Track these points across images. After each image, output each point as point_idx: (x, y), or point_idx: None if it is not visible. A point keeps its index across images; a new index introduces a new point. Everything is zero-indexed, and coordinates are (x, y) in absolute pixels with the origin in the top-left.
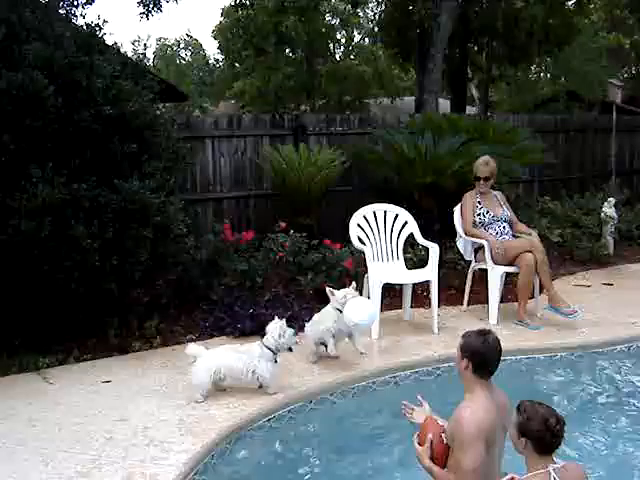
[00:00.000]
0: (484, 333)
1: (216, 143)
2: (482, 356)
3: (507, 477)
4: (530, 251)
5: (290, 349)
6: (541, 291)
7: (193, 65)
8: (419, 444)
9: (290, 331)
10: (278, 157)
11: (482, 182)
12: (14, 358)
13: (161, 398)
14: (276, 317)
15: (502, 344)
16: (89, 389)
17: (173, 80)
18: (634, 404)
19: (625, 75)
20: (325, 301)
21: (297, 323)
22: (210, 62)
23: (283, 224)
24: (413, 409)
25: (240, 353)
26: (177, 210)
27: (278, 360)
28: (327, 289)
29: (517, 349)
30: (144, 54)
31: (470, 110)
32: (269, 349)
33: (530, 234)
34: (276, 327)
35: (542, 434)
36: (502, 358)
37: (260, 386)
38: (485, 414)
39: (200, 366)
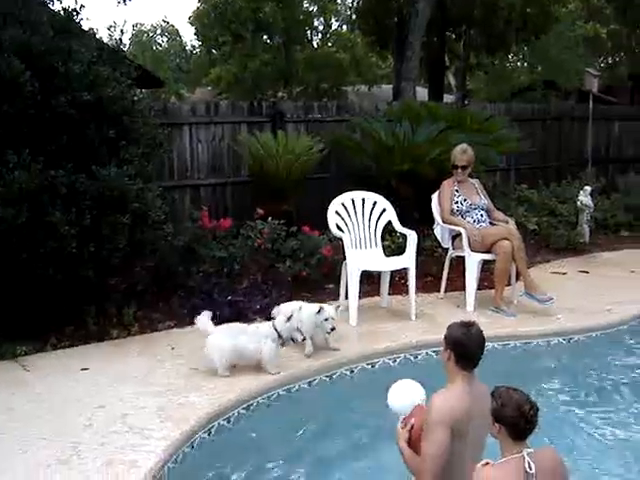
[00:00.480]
0: (467, 325)
1: (193, 130)
2: (464, 347)
3: (482, 462)
4: (507, 239)
5: (293, 339)
6: (517, 278)
7: (170, 51)
8: (403, 427)
9: (296, 321)
10: (256, 144)
11: (460, 170)
12: None
13: (140, 385)
14: (300, 304)
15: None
16: (67, 377)
17: (149, 66)
18: (610, 389)
19: (602, 65)
20: (302, 289)
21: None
22: (187, 48)
23: (261, 211)
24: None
25: (250, 335)
26: (155, 197)
27: (283, 344)
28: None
29: (494, 335)
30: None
31: (447, 98)
32: (276, 331)
33: (507, 222)
34: (285, 313)
35: (516, 420)
36: None
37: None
38: (456, 403)
39: (212, 346)
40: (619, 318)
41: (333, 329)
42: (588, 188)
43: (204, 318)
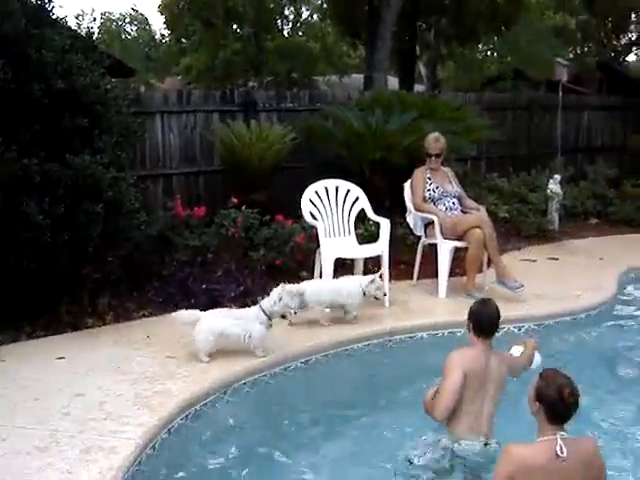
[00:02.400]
0: (484, 300)
1: (166, 118)
2: (478, 316)
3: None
4: (479, 226)
5: (283, 316)
6: (489, 265)
7: (139, 40)
8: None
9: (287, 299)
10: (229, 133)
11: (434, 158)
12: None
13: (116, 373)
14: (284, 285)
15: (450, 317)
16: (43, 366)
17: (118, 55)
18: (580, 373)
19: (571, 55)
20: (276, 277)
21: (250, 299)
22: (156, 37)
23: (235, 200)
24: None
25: (237, 319)
26: (129, 185)
27: (272, 325)
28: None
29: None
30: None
31: (418, 88)
32: (264, 313)
33: (479, 210)
34: (275, 293)
35: (554, 401)
36: (451, 330)
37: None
38: (471, 356)
39: (204, 328)
40: (587, 304)
41: (385, 294)
42: (557, 176)
43: (184, 312)
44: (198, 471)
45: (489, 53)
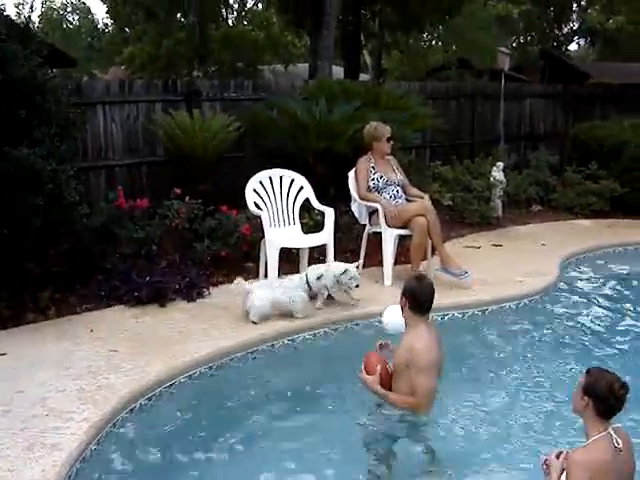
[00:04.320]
0: (418, 277)
1: (107, 109)
2: (414, 292)
3: (554, 452)
4: (422, 214)
5: (321, 294)
6: (433, 253)
7: (81, 30)
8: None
9: (327, 279)
10: (171, 123)
11: (389, 143)
12: None
13: (59, 369)
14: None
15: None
16: None
17: (60, 45)
18: (523, 357)
19: (514, 44)
20: (222, 268)
21: (195, 290)
22: (99, 27)
23: (178, 191)
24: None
25: (284, 287)
26: (69, 177)
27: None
28: None
29: None
30: (30, 17)
31: (363, 77)
32: (307, 283)
33: (422, 198)
34: (320, 269)
35: (606, 395)
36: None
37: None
38: (433, 345)
39: (259, 295)
40: (530, 289)
41: (357, 286)
42: (500, 164)
43: (242, 282)
44: (145, 465)
45: (434, 42)
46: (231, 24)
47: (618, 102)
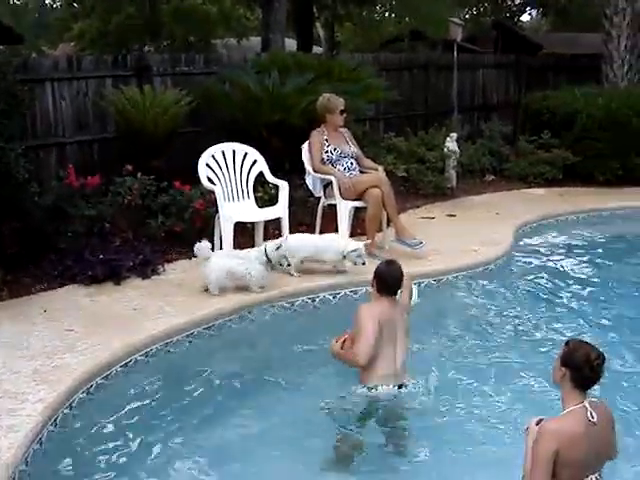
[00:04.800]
0: (389, 262)
1: (56, 86)
2: (383, 276)
3: (535, 419)
4: (377, 186)
5: (280, 264)
6: (388, 224)
7: (28, 6)
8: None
9: (285, 249)
10: (122, 99)
11: (343, 115)
12: None
13: (13, 350)
14: (286, 235)
15: (352, 278)
16: None
17: (5, 21)
18: (478, 324)
19: (467, 15)
20: (176, 244)
21: (149, 267)
22: (47, 2)
23: (130, 167)
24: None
25: (241, 258)
26: (18, 155)
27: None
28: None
29: (366, 280)
30: None
31: (317, 50)
32: (266, 255)
33: (377, 169)
34: (277, 240)
35: (582, 365)
36: (354, 289)
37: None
38: (379, 309)
39: (214, 265)
40: (485, 258)
41: (364, 263)
42: (454, 135)
43: (204, 244)
44: (102, 445)
45: (387, 14)
46: None
47: (570, 72)
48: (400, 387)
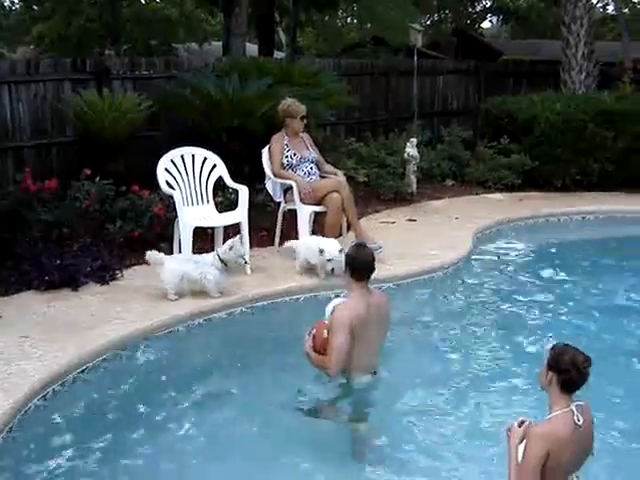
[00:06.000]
0: (359, 245)
1: (13, 89)
2: (352, 259)
3: (517, 420)
4: (337, 191)
5: (237, 263)
6: (348, 229)
7: None
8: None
9: (238, 249)
10: (80, 102)
11: (302, 122)
12: None
13: None
14: (239, 235)
15: (312, 281)
16: None
17: None
18: (441, 327)
19: (428, 22)
20: (135, 249)
21: (108, 273)
22: (5, 4)
23: (88, 171)
24: None
25: (196, 263)
26: None
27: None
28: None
29: (332, 285)
30: None
31: (279, 55)
32: (220, 259)
33: (336, 174)
34: (228, 242)
35: (568, 367)
36: (315, 294)
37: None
38: (351, 306)
39: (168, 269)
40: (444, 262)
41: (333, 270)
42: (414, 140)
43: (154, 252)
44: (58, 452)
45: (349, 20)
46: (143, 1)
47: (529, 78)
48: (374, 374)
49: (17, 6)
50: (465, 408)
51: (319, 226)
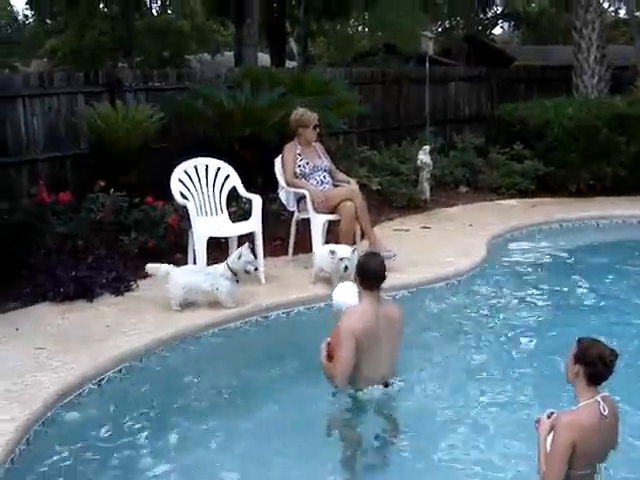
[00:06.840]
0: (371, 254)
1: (27, 102)
2: (362, 268)
3: (546, 412)
4: (350, 199)
5: (247, 271)
6: (362, 237)
7: (0, 22)
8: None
9: (247, 256)
10: (94, 115)
11: (315, 131)
12: None
13: None
14: (246, 243)
15: (327, 290)
16: None
17: None
18: (458, 335)
19: (439, 29)
20: (150, 260)
21: (123, 284)
22: (19, 19)
23: (102, 183)
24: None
25: (207, 275)
26: None
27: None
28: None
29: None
30: None
31: (291, 64)
32: (230, 269)
33: (349, 182)
34: (237, 250)
35: (595, 361)
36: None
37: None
38: (359, 317)
39: (172, 281)
40: (458, 270)
41: (346, 268)
42: (427, 147)
43: (153, 265)
44: (76, 463)
45: (360, 28)
46: (155, 13)
47: (541, 84)
48: (386, 385)
49: (31, 20)
50: (482, 419)
51: (333, 235)
